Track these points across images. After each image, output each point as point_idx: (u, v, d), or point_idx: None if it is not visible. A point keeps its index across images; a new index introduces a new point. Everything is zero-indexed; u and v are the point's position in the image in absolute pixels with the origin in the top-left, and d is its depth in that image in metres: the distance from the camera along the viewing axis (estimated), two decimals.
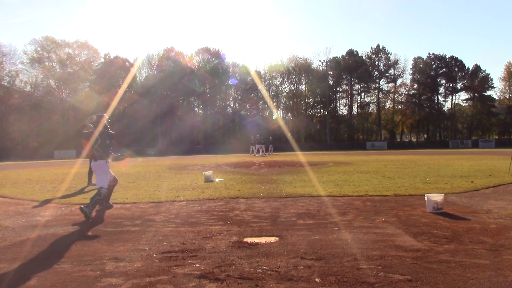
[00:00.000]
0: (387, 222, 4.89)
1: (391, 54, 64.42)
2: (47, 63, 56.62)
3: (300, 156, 26.44)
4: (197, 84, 60.30)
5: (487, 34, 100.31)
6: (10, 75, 54.45)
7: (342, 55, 65.76)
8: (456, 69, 64.53)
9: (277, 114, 64.78)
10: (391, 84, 65.92)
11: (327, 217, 5.30)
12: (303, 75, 65.38)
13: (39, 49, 55.84)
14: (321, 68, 64.20)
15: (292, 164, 17.60)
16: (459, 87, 64.94)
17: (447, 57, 64.30)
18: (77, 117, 56.66)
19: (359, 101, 67.62)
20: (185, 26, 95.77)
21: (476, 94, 63.84)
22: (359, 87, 66.37)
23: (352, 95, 66.66)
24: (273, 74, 65.59)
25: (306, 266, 3.24)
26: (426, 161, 17.82)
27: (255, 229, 4.71)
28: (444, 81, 65.11)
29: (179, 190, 8.66)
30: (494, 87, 63.86)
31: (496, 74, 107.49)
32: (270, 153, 34.23)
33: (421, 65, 64.76)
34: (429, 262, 3.26)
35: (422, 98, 65.06)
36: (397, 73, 64.63)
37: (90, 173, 10.68)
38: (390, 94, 66.47)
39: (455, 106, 66.46)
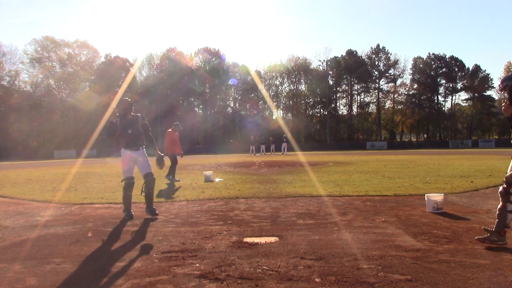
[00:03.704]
0: (387, 222, 4.89)
1: (391, 54, 64.52)
2: (47, 63, 56.64)
3: (300, 156, 26.44)
4: (197, 84, 60.34)
5: (487, 34, 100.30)
6: (10, 75, 54.50)
7: (342, 55, 65.81)
8: (456, 69, 64.56)
9: (277, 114, 64.84)
10: (391, 84, 66.01)
11: (327, 217, 5.30)
12: (303, 75, 65.39)
13: (39, 49, 55.91)
14: (321, 68, 64.26)
15: (292, 164, 17.60)
16: (459, 87, 65.00)
17: (447, 57, 64.36)
18: (77, 117, 56.74)
19: (359, 101, 67.70)
20: (185, 26, 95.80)
21: (476, 94, 63.88)
22: (359, 87, 66.40)
23: (352, 95, 66.71)
24: (273, 74, 65.62)
25: (306, 266, 3.24)
26: (426, 161, 17.82)
27: (255, 229, 4.72)
28: (444, 81, 65.14)
29: (179, 190, 8.66)
30: (494, 87, 63.92)
31: (496, 74, 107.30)
32: (285, 153, 33.73)
33: (421, 65, 64.79)
34: (429, 262, 3.26)
35: (422, 98, 65.10)
36: (397, 73, 64.74)
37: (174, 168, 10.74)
38: (390, 94, 66.52)
39: (455, 106, 66.52)
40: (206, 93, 63.10)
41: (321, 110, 66.86)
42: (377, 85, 65.22)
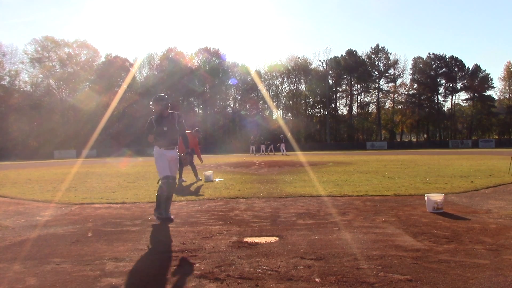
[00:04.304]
0: (387, 222, 4.89)
1: (391, 54, 64.52)
2: (47, 63, 56.64)
3: (300, 156, 26.44)
4: (197, 84, 60.33)
5: (487, 34, 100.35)
6: (10, 75, 54.49)
7: (342, 55, 65.80)
8: (456, 69, 64.55)
9: (277, 114, 64.84)
10: (391, 84, 66.01)
11: (327, 217, 5.30)
12: (303, 75, 65.39)
13: (39, 48, 55.92)
14: (321, 68, 64.25)
15: (292, 164, 17.60)
16: (459, 87, 64.99)
17: (447, 57, 64.35)
18: (77, 117, 56.77)
19: (359, 101, 67.69)
20: (185, 26, 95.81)
21: (476, 94, 63.86)
22: (359, 87, 66.39)
23: (352, 95, 66.70)
24: (273, 74, 65.61)
25: (306, 266, 3.24)
26: (426, 161, 17.82)
27: (255, 229, 4.72)
28: (444, 81, 65.14)
29: (179, 190, 8.66)
30: (494, 87, 63.97)
31: (496, 74, 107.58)
32: (284, 153, 33.46)
33: (421, 65, 64.78)
34: (429, 262, 3.26)
35: (422, 98, 65.10)
36: (397, 73, 64.74)
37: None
38: (390, 94, 66.51)
39: (455, 106, 66.50)
40: (206, 93, 63.09)
41: (321, 110, 66.88)
42: (377, 85, 65.22)
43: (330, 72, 64.88)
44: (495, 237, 4.05)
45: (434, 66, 64.44)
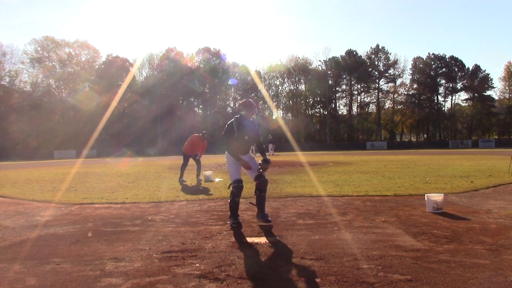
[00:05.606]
0: (387, 222, 4.89)
1: (390, 54, 64.47)
2: (47, 63, 56.60)
3: (300, 156, 26.43)
4: (197, 84, 60.31)
5: (487, 34, 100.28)
6: (10, 75, 54.44)
7: (342, 55, 65.78)
8: (456, 69, 64.52)
9: (277, 114, 64.86)
10: (391, 84, 65.98)
11: (327, 217, 5.31)
12: (303, 75, 65.39)
13: (39, 49, 55.86)
14: (320, 68, 64.21)
15: (292, 164, 17.60)
16: (459, 87, 64.96)
17: (447, 57, 64.30)
18: (77, 117, 56.76)
19: (359, 101, 67.69)
20: (186, 26, 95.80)
21: (476, 94, 63.84)
22: (358, 87, 66.38)
23: (352, 95, 66.70)
24: (273, 74, 65.62)
25: (306, 266, 3.25)
26: (426, 161, 17.82)
27: (255, 229, 4.72)
28: (444, 81, 65.11)
29: (179, 190, 8.66)
30: (494, 87, 63.92)
31: (496, 74, 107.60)
32: (272, 153, 33.39)
33: (421, 65, 64.75)
34: (429, 262, 3.26)
35: (422, 98, 65.08)
36: (397, 73, 64.70)
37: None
38: (390, 94, 66.50)
39: (455, 106, 66.49)
40: (206, 93, 63.08)
41: (321, 110, 66.87)
42: (376, 85, 65.22)
43: (329, 72, 64.87)
44: (495, 237, 4.05)
45: (434, 66, 64.41)
